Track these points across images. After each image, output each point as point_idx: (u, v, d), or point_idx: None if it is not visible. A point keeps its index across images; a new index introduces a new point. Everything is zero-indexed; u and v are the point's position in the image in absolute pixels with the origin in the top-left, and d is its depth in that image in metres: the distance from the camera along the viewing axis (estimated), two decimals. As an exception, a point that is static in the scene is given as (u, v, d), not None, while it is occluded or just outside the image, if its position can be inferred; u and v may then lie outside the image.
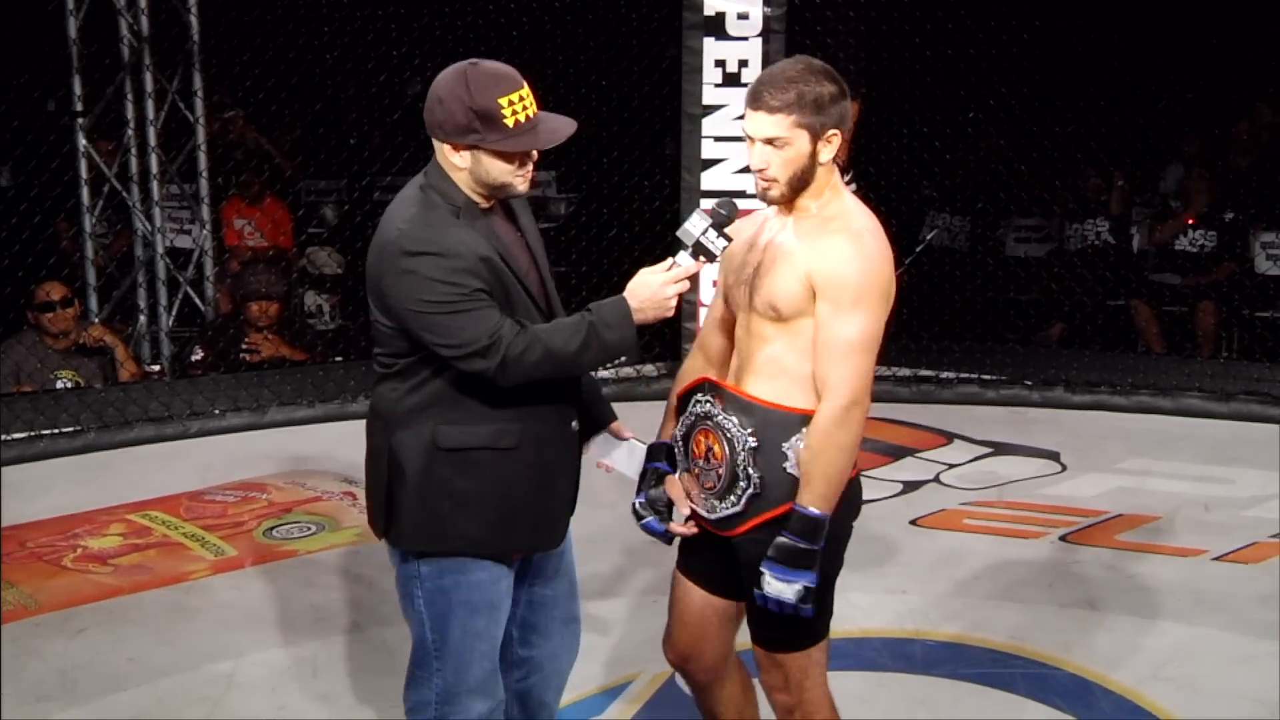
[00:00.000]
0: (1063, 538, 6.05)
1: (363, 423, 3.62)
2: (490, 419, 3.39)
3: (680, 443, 3.58)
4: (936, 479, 6.79)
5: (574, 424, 3.54)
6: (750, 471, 3.40)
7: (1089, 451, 7.11)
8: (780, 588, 3.34)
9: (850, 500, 3.51)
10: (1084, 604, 5.41)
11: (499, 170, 3.33)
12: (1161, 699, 4.67)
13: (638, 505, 3.68)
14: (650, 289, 3.37)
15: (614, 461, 3.72)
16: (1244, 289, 8.56)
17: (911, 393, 7.96)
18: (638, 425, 3.79)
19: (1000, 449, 7.20)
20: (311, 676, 4.89)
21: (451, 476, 3.39)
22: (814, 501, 3.34)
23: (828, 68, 3.38)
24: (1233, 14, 8.76)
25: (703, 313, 7.64)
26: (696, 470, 3.52)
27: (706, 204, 3.59)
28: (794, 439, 3.39)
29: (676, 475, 3.64)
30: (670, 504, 3.65)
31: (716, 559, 3.59)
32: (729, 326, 3.63)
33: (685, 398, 3.59)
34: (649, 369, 8.13)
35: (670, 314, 3.42)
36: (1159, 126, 8.57)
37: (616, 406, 3.77)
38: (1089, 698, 4.69)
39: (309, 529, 6.17)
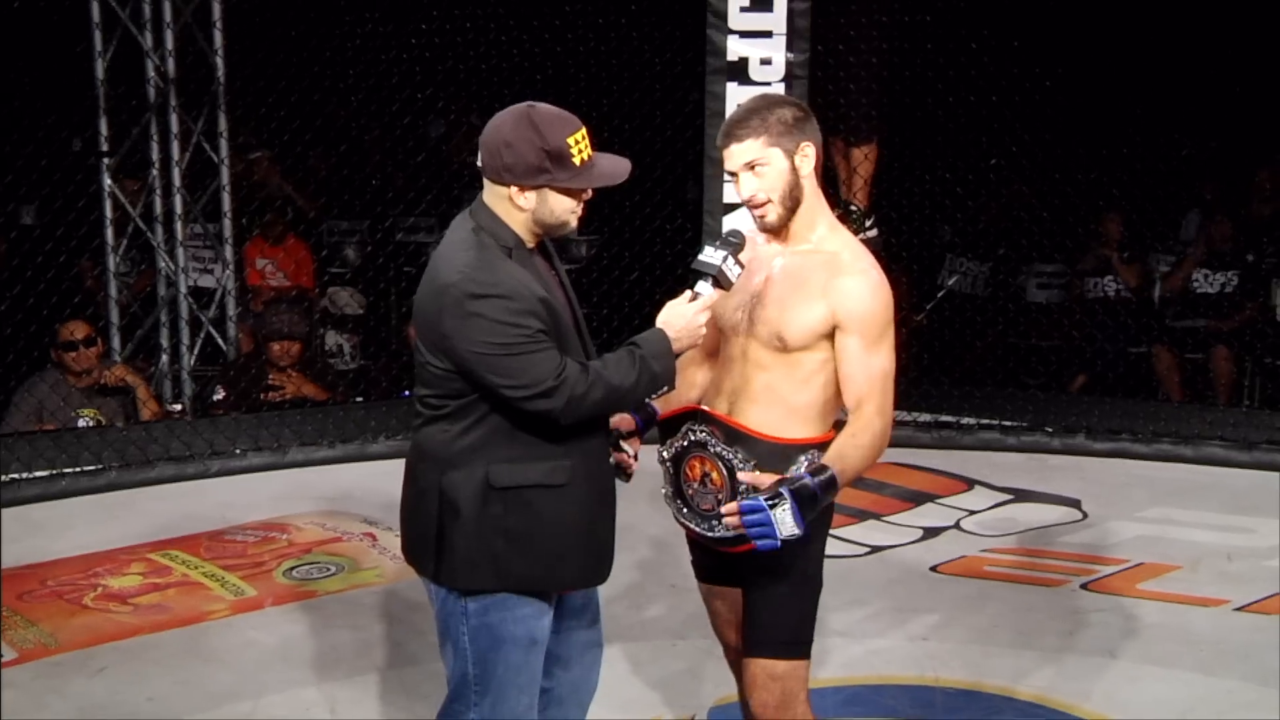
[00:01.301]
0: (1084, 586, 6.03)
1: (384, 463, 3.66)
2: (542, 457, 3.43)
3: (670, 465, 3.71)
4: (957, 525, 6.77)
5: (612, 459, 3.61)
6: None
7: (1110, 499, 7.09)
8: (786, 520, 3.33)
9: (827, 522, 3.69)
10: (1104, 653, 5.38)
11: (563, 209, 3.42)
12: (1183, 749, 4.66)
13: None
14: (684, 319, 3.49)
15: None
16: (1266, 338, 8.54)
17: (932, 438, 7.95)
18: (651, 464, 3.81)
19: (1021, 496, 7.18)
20: (329, 717, 4.89)
21: (505, 515, 3.43)
22: (840, 474, 3.42)
23: (784, 95, 3.82)
24: (1256, 64, 8.77)
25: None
26: (691, 491, 3.65)
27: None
28: (794, 468, 3.52)
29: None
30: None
31: (718, 557, 3.75)
32: (713, 348, 3.76)
33: (670, 423, 3.72)
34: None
35: (700, 342, 3.55)
36: (1180, 174, 8.57)
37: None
38: (1110, 747, 4.68)
39: (329, 569, 6.17)
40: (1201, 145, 9.23)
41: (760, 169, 3.51)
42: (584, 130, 3.40)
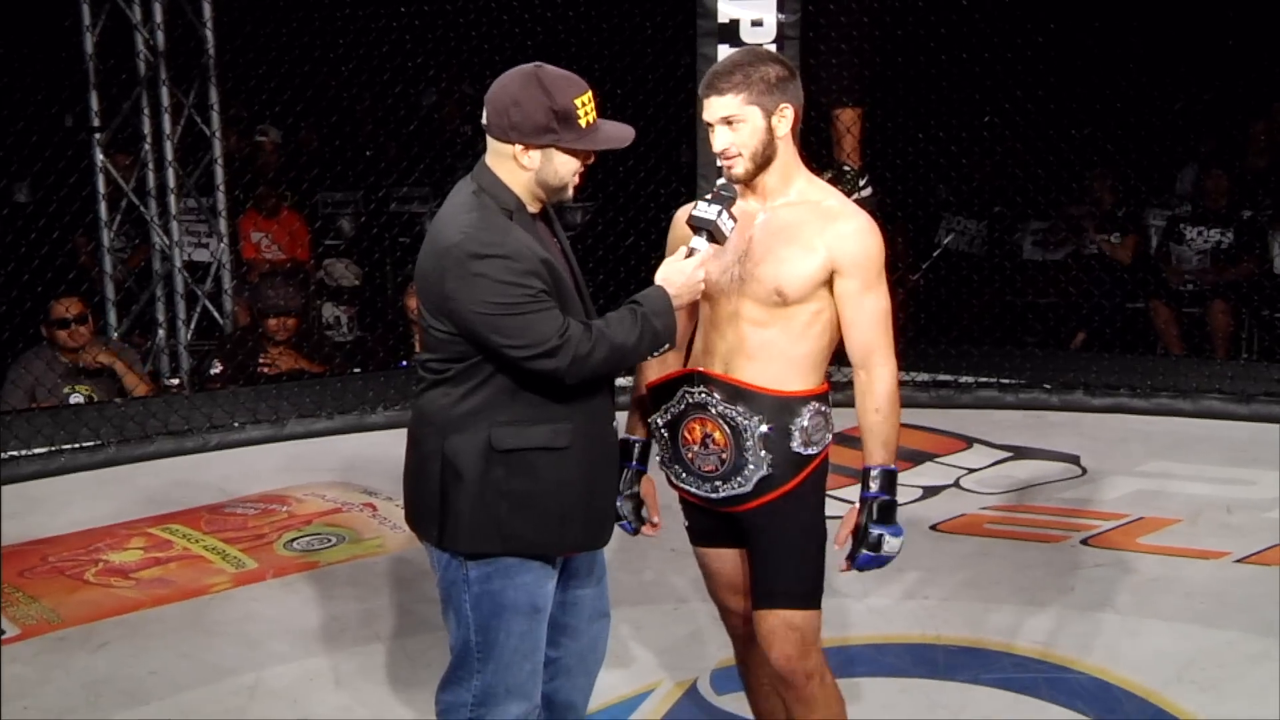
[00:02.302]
0: (1084, 541, 6.03)
1: (383, 434, 3.66)
2: (544, 419, 3.43)
3: (665, 430, 3.72)
4: (956, 484, 6.78)
5: (615, 422, 3.60)
6: (761, 454, 3.59)
7: (1109, 454, 7.09)
8: (895, 543, 3.65)
9: (823, 475, 3.73)
10: (1106, 607, 5.39)
11: (567, 170, 3.41)
12: (1185, 701, 4.66)
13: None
14: (684, 274, 3.50)
15: None
16: (1263, 290, 8.53)
17: (930, 397, 7.95)
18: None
19: (1020, 453, 7.18)
20: (334, 687, 4.90)
21: (508, 478, 3.43)
22: (888, 459, 3.65)
23: (772, 53, 3.73)
24: (1248, 15, 8.74)
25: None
26: (691, 455, 3.68)
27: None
28: (798, 420, 3.60)
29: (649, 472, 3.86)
30: (642, 504, 3.86)
31: (717, 519, 3.77)
32: (691, 312, 3.76)
33: (662, 389, 3.72)
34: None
35: (699, 296, 3.57)
36: (1175, 128, 8.55)
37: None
38: (1111, 701, 4.68)
39: (329, 540, 6.18)
40: (1195, 98, 9.20)
41: (737, 125, 3.53)
42: (590, 93, 3.40)
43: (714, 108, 3.55)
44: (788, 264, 3.56)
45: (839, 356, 3.71)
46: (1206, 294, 8.75)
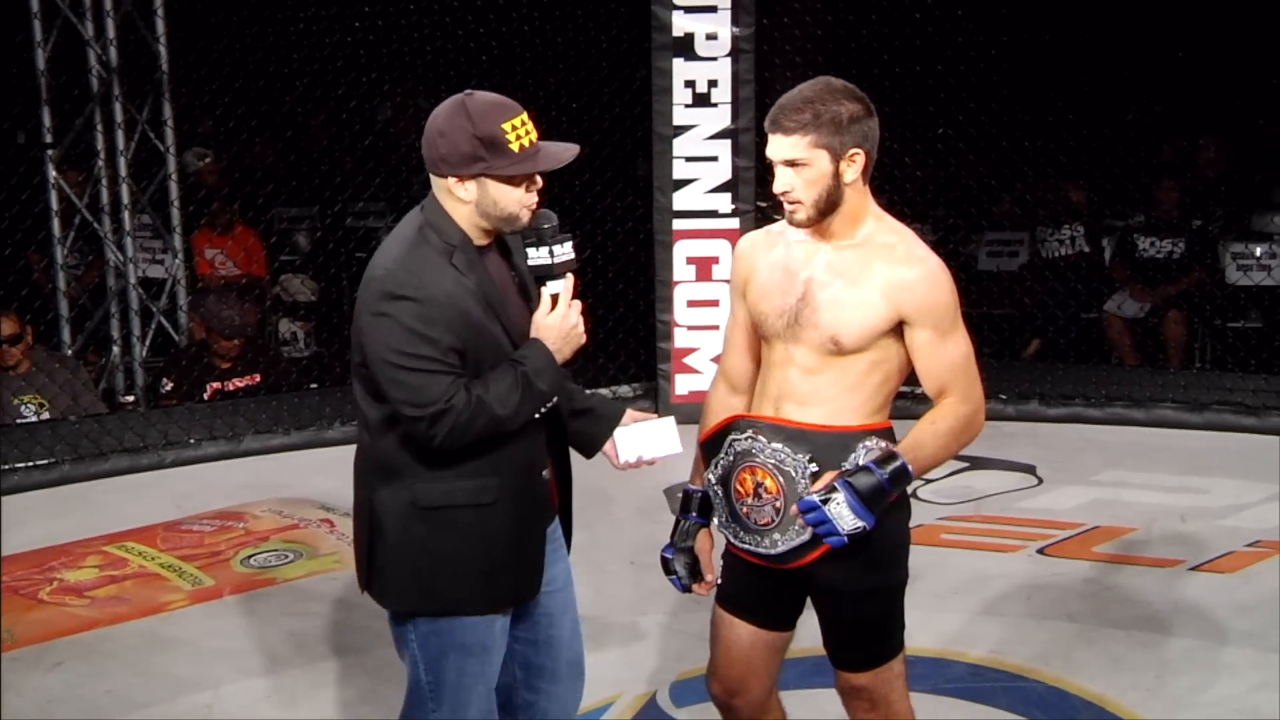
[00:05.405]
0: (1040, 550, 6.06)
1: (339, 449, 3.65)
2: (468, 475, 3.33)
3: (718, 486, 3.51)
4: (914, 494, 6.72)
5: (545, 472, 3.49)
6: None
7: (1065, 464, 7.13)
8: (844, 514, 3.21)
9: (908, 508, 3.51)
10: (1062, 616, 5.42)
11: (506, 199, 3.28)
12: (1140, 709, 4.69)
13: (666, 556, 3.65)
14: (554, 328, 3.34)
15: (649, 452, 3.60)
16: (1215, 299, 8.60)
17: (887, 409, 7.95)
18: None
19: (976, 463, 7.19)
20: (291, 705, 4.87)
21: (431, 535, 3.35)
22: (913, 461, 3.29)
23: (849, 86, 3.33)
24: (1198, 28, 8.82)
25: (678, 333, 7.70)
26: (746, 509, 3.43)
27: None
28: (854, 456, 3.34)
29: (710, 526, 3.62)
30: (697, 560, 3.63)
31: (765, 590, 3.53)
32: (754, 350, 3.56)
33: (712, 442, 3.52)
34: (624, 389, 8.13)
35: (584, 341, 3.40)
36: (1127, 139, 8.61)
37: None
38: (1068, 709, 4.70)
39: (287, 557, 6.15)
40: (1146, 110, 9.28)
41: (801, 168, 3.28)
42: (523, 116, 3.27)
43: (777, 147, 3.29)
44: (847, 311, 3.33)
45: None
46: (1158, 305, 8.80)
